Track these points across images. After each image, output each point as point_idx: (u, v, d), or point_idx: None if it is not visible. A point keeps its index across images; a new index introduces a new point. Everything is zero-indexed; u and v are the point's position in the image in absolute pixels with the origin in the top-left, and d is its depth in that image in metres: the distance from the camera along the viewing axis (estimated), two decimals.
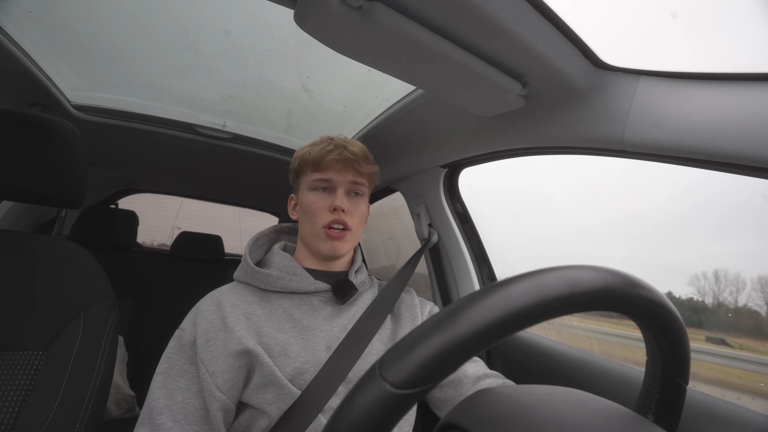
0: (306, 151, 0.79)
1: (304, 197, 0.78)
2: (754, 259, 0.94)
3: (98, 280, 0.80)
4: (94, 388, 0.71)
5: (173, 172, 1.91)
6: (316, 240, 0.76)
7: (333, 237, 0.75)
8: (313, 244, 0.77)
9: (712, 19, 0.53)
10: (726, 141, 0.50)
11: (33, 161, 0.79)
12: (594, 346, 1.14)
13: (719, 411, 0.57)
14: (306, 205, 0.77)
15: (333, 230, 0.75)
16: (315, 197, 0.77)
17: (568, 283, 0.25)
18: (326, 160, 0.76)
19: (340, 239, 0.76)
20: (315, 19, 0.52)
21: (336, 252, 0.76)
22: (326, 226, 0.75)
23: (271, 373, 0.64)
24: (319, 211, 0.76)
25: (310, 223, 0.76)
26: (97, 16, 0.94)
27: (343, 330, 0.73)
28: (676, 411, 0.32)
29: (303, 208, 0.78)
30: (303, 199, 0.78)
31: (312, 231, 0.76)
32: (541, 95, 0.68)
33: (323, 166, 0.76)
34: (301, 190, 0.80)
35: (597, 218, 1.33)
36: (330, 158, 0.76)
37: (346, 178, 0.77)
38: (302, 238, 0.80)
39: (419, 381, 0.22)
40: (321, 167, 0.77)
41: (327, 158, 0.76)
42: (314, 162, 0.77)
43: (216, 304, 0.70)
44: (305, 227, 0.78)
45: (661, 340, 0.30)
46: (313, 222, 0.76)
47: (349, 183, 0.78)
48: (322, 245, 0.76)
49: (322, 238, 0.75)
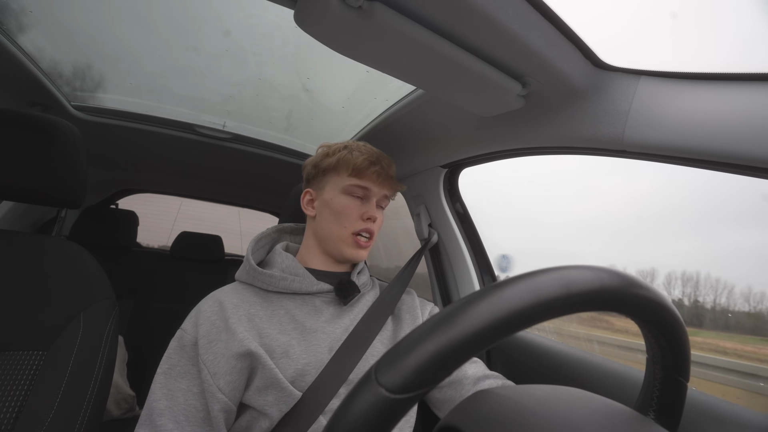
0: (346, 154, 0.78)
1: (335, 199, 0.77)
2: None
3: (98, 280, 0.80)
4: (94, 388, 0.71)
5: (173, 172, 1.91)
6: (341, 244, 0.77)
7: (360, 245, 0.77)
8: (337, 247, 0.77)
9: (712, 19, 0.53)
10: (726, 141, 0.50)
11: (33, 161, 0.79)
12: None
13: (719, 411, 0.57)
14: (337, 207, 0.77)
15: (361, 238, 0.77)
16: (349, 201, 0.77)
17: (564, 284, 0.24)
18: (369, 170, 0.77)
19: (366, 248, 0.78)
20: (315, 19, 0.51)
21: (359, 258, 0.78)
22: (356, 233, 0.76)
23: (272, 376, 0.64)
24: (352, 217, 0.76)
25: (338, 226, 0.76)
26: (97, 16, 0.94)
27: (344, 331, 0.73)
28: (677, 409, 0.32)
29: (332, 208, 0.77)
30: (333, 200, 0.77)
31: (339, 234, 0.76)
32: (541, 95, 0.68)
33: (365, 175, 0.77)
34: (330, 189, 0.79)
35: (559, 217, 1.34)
36: (373, 170, 0.77)
37: (382, 192, 0.80)
38: (320, 237, 0.79)
39: (415, 385, 0.22)
40: (362, 175, 0.77)
41: (370, 169, 0.77)
42: (356, 168, 0.76)
43: (218, 304, 0.70)
44: (330, 228, 0.77)
45: (660, 338, 0.30)
46: (342, 226, 0.76)
47: (382, 196, 0.80)
48: (348, 251, 0.77)
49: (349, 244, 0.77)
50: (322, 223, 0.78)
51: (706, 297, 0.99)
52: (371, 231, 0.78)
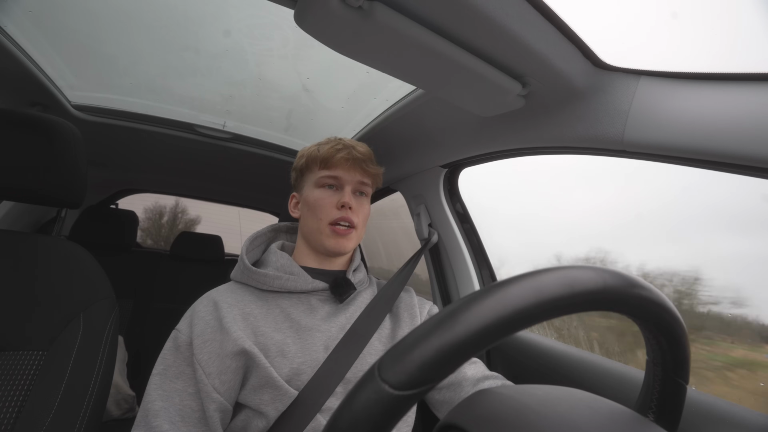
0: (314, 149, 0.79)
1: (310, 194, 0.78)
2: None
3: (98, 280, 0.80)
4: (94, 388, 0.71)
5: (173, 172, 1.91)
6: (320, 236, 0.76)
7: (339, 234, 0.75)
8: (318, 240, 0.77)
9: (712, 19, 0.53)
10: (726, 141, 0.50)
11: (33, 161, 0.79)
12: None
13: (719, 411, 0.57)
14: (312, 201, 0.77)
15: (340, 227, 0.75)
16: (322, 194, 0.77)
17: (567, 283, 0.24)
18: (336, 158, 0.77)
19: (346, 236, 0.76)
20: (315, 19, 0.52)
21: (341, 249, 0.76)
22: (332, 222, 0.75)
23: (267, 374, 0.64)
24: (326, 207, 0.76)
25: (315, 219, 0.76)
26: (97, 16, 0.93)
27: (341, 330, 0.73)
28: (676, 410, 0.32)
29: (308, 204, 0.78)
30: (309, 196, 0.78)
31: (317, 227, 0.76)
32: (541, 95, 0.68)
33: (332, 164, 0.77)
34: (306, 187, 0.80)
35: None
36: (339, 156, 0.77)
37: (354, 178, 0.78)
38: (305, 235, 0.80)
39: (418, 382, 0.22)
40: (330, 165, 0.77)
41: (336, 156, 0.77)
42: (323, 159, 0.77)
43: (212, 304, 0.70)
44: (309, 223, 0.78)
45: (661, 339, 0.30)
46: (318, 218, 0.76)
47: (357, 182, 0.79)
48: (328, 242, 0.76)
49: (327, 234, 0.76)
50: (304, 221, 0.79)
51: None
52: (348, 219, 0.76)
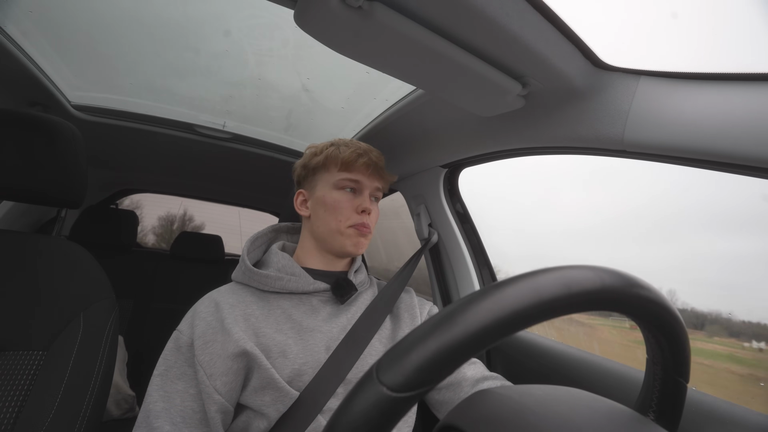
0: (333, 150, 0.79)
1: (328, 195, 0.78)
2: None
3: (98, 280, 0.80)
4: (94, 388, 0.71)
5: (173, 172, 1.91)
6: (339, 237, 0.76)
7: (362, 233, 0.77)
8: (336, 241, 0.77)
9: (712, 19, 0.53)
10: (726, 141, 0.50)
11: (33, 161, 0.79)
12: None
13: (719, 411, 0.57)
14: (331, 202, 0.77)
15: (360, 228, 0.77)
16: (341, 196, 0.77)
17: (565, 283, 0.24)
18: (358, 162, 0.77)
19: (366, 237, 0.78)
20: (315, 19, 0.51)
21: (359, 250, 0.78)
22: (352, 226, 0.76)
23: (268, 375, 0.64)
24: (346, 211, 0.76)
25: (333, 220, 0.76)
26: (97, 16, 0.93)
27: (342, 330, 0.73)
28: (676, 409, 0.32)
29: (325, 204, 0.78)
30: (326, 197, 0.78)
31: (337, 228, 0.76)
32: (541, 95, 0.68)
33: (354, 168, 0.78)
34: (321, 186, 0.80)
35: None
36: (361, 162, 0.77)
37: (373, 184, 0.80)
38: (318, 236, 0.79)
39: (416, 384, 0.22)
40: (351, 168, 0.78)
41: (359, 161, 0.77)
42: (344, 162, 0.77)
43: (214, 305, 0.70)
44: (326, 224, 0.77)
45: (661, 338, 0.30)
46: (337, 220, 0.76)
47: (374, 188, 0.81)
48: (348, 242, 0.76)
49: (348, 235, 0.76)
50: (318, 221, 0.79)
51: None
52: (367, 224, 0.78)
